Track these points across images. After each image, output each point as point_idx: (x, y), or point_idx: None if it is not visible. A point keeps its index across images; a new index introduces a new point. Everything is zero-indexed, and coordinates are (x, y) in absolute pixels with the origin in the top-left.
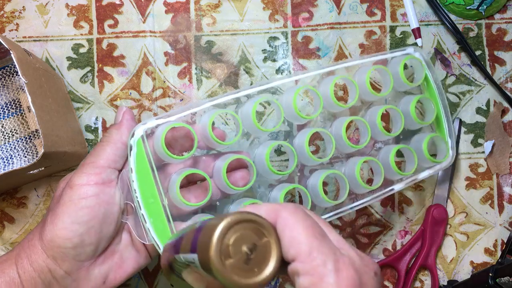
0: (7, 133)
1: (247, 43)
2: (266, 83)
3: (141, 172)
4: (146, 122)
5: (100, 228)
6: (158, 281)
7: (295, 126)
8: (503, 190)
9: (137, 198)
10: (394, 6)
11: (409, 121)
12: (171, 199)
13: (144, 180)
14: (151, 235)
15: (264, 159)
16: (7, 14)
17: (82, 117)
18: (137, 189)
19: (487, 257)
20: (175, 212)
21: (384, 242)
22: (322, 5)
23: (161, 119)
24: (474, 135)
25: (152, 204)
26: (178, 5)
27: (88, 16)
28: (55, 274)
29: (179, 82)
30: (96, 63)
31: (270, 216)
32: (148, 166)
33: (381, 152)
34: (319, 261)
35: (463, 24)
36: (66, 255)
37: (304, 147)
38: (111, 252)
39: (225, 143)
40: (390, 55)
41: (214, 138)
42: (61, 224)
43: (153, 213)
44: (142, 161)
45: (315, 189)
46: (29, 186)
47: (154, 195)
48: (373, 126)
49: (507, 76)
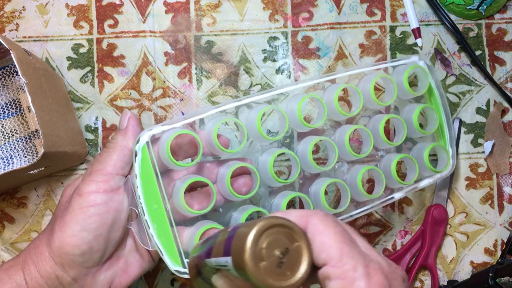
0: (7, 133)
1: (247, 43)
2: (271, 91)
3: (145, 178)
4: (152, 128)
5: (108, 235)
6: (158, 281)
7: (295, 132)
8: (503, 190)
9: (141, 204)
10: (394, 6)
11: (412, 130)
12: (174, 205)
13: (148, 186)
14: (154, 241)
15: (268, 168)
16: (7, 14)
17: (82, 117)
18: (141, 195)
19: (487, 257)
20: (178, 217)
21: (384, 242)
22: (322, 5)
23: (166, 125)
24: (474, 135)
25: (155, 210)
26: (178, 5)
27: (88, 16)
28: (62, 281)
29: (179, 82)
30: (96, 63)
31: (300, 222)
32: (153, 172)
33: (383, 160)
34: (350, 265)
35: (463, 24)
36: (74, 262)
37: (308, 156)
38: (117, 257)
39: (230, 151)
40: (394, 63)
41: (219, 146)
42: (70, 231)
43: (157, 219)
44: (147, 167)
45: (317, 197)
46: (29, 186)
47: (158, 201)
48: (376, 135)
49: (507, 76)
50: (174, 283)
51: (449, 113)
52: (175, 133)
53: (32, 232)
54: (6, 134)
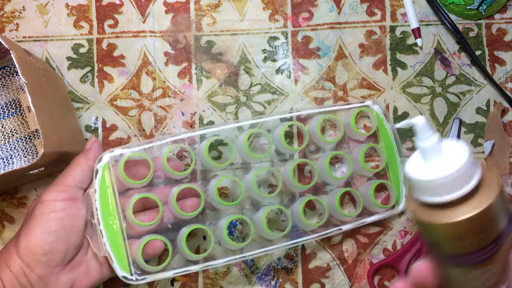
0: (7, 133)
1: (247, 43)
2: (250, 120)
3: (103, 194)
4: (113, 150)
5: (68, 238)
6: (158, 280)
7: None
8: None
9: (98, 215)
10: (394, 6)
11: (359, 167)
12: (127, 220)
13: (105, 201)
14: (106, 249)
15: (213, 191)
16: (7, 14)
17: (82, 117)
18: (98, 208)
19: None
20: (132, 232)
21: (384, 242)
22: (322, 5)
23: (126, 148)
24: (474, 135)
25: (110, 223)
26: (178, 5)
27: (88, 16)
28: (29, 278)
29: (179, 82)
30: (96, 63)
31: None
32: (111, 188)
33: (330, 194)
34: None
35: (463, 24)
36: (38, 261)
37: (290, 177)
38: (78, 262)
39: (178, 173)
40: (350, 105)
41: (168, 169)
42: (34, 233)
43: (110, 230)
44: (105, 184)
45: (297, 214)
46: (29, 186)
47: (113, 214)
48: (322, 171)
49: (507, 76)
50: (174, 283)
51: (403, 153)
52: (127, 155)
53: None
54: (6, 134)
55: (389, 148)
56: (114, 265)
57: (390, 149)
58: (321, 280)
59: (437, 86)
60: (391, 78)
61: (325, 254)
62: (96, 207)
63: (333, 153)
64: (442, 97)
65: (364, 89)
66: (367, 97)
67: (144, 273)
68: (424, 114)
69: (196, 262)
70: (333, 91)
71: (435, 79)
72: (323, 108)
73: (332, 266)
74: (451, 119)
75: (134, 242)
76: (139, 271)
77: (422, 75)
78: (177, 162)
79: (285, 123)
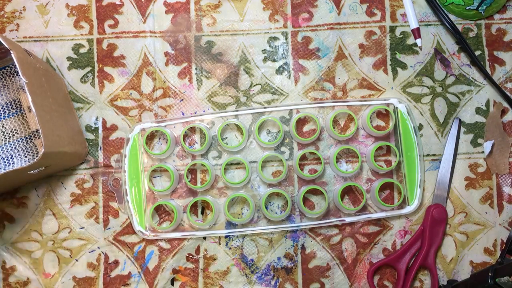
0: (8, 133)
1: (247, 43)
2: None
3: (132, 158)
4: (143, 123)
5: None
6: (158, 280)
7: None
8: (503, 190)
9: (125, 176)
10: (394, 6)
11: (369, 164)
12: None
13: (132, 165)
14: (128, 206)
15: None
16: (7, 14)
17: (83, 117)
18: (127, 170)
19: (486, 257)
20: (151, 195)
21: (384, 242)
22: (322, 5)
23: (154, 123)
24: (473, 135)
25: (134, 184)
26: (178, 5)
27: (88, 16)
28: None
29: (179, 82)
30: (97, 63)
31: None
32: (138, 155)
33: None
34: None
35: (463, 24)
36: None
37: (297, 168)
38: None
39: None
40: (372, 102)
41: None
42: None
43: (134, 191)
44: (135, 151)
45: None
46: (29, 186)
47: (137, 177)
48: (331, 164)
49: (506, 76)
50: (174, 283)
51: (422, 154)
52: (150, 129)
53: (32, 231)
54: (7, 134)
55: (409, 148)
56: (132, 221)
57: (410, 149)
58: (321, 280)
59: (437, 86)
60: (391, 78)
61: (325, 253)
62: (124, 170)
63: (342, 147)
64: (442, 97)
65: (364, 89)
66: (367, 97)
67: (155, 231)
68: (424, 114)
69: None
70: (333, 92)
71: (435, 79)
72: (347, 102)
73: (332, 265)
74: (451, 119)
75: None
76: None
77: (423, 75)
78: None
79: (296, 115)
